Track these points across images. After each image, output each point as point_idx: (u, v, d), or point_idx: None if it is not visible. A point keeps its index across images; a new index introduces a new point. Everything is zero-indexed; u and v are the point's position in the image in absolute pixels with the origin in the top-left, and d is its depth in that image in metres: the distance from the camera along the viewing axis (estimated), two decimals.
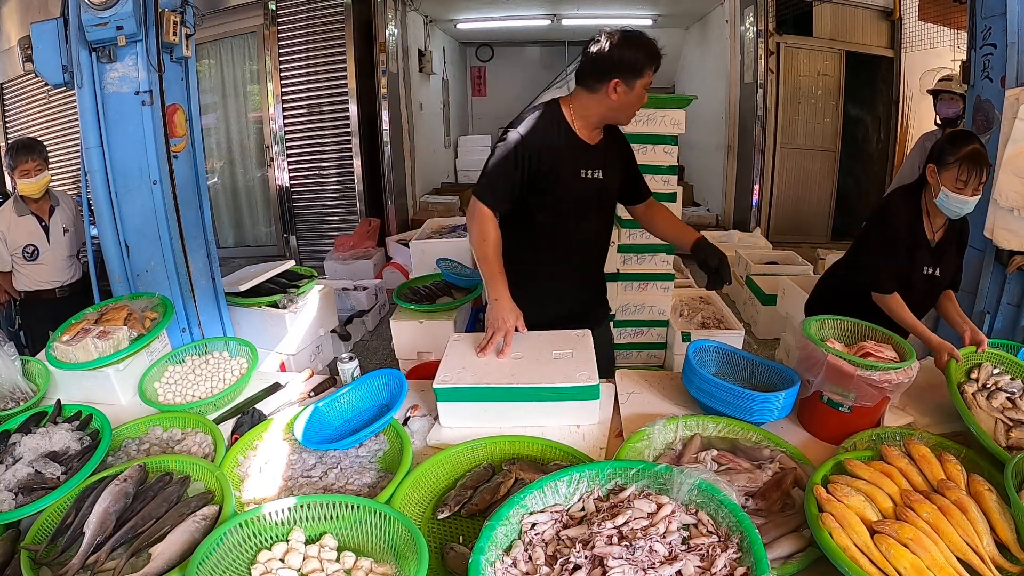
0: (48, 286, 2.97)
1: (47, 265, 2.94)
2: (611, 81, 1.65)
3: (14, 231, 2.86)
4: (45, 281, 2.97)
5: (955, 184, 1.73)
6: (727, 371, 1.67)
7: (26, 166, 2.78)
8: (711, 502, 1.06)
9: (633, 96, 1.68)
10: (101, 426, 1.45)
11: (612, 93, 1.66)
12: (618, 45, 1.63)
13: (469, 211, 1.76)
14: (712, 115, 6.49)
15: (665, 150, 3.02)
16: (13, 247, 2.87)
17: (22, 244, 2.87)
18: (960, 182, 1.72)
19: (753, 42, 5.58)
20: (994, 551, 1.04)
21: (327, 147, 5.78)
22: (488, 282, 1.73)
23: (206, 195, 2.72)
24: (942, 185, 1.76)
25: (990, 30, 2.43)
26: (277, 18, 5.49)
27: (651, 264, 3.23)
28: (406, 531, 1.04)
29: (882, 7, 5.69)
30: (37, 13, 4.92)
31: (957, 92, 3.12)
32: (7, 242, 2.86)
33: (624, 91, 1.66)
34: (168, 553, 1.07)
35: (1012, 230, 2.26)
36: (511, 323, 1.65)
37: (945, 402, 1.56)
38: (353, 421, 1.55)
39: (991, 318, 2.50)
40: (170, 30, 2.29)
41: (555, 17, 7.04)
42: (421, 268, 4.47)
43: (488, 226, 1.72)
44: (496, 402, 1.50)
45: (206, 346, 1.89)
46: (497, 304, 1.68)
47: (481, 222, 1.72)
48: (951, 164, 1.73)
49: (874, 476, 1.17)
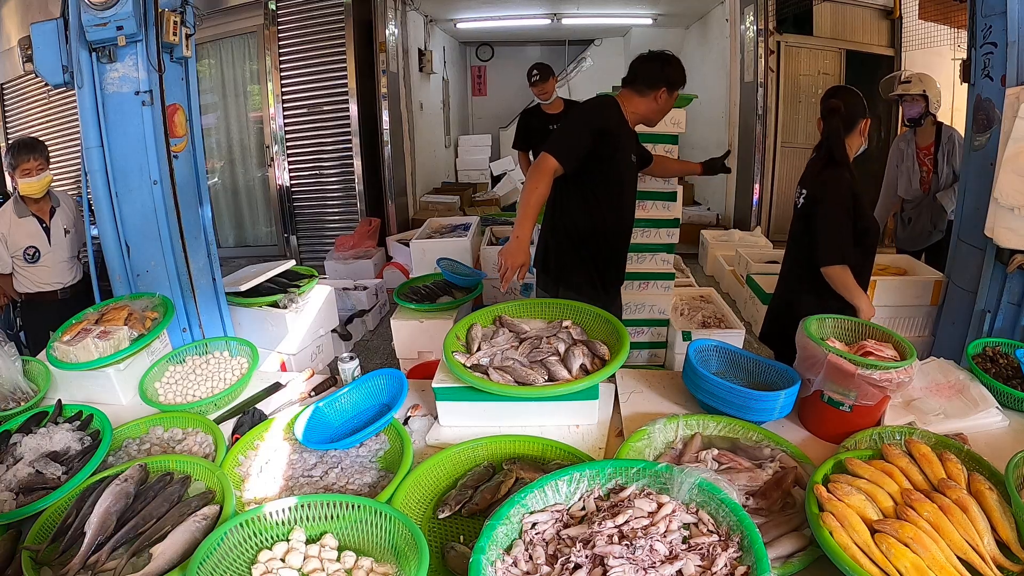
0: (49, 288, 2.95)
1: (48, 267, 2.92)
2: (660, 89, 2.10)
3: (15, 233, 2.84)
4: (46, 283, 2.95)
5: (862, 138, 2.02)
6: (728, 370, 1.67)
7: (27, 165, 2.75)
8: (712, 501, 1.06)
9: (668, 104, 2.15)
10: (102, 426, 1.45)
11: (658, 99, 2.12)
12: (667, 63, 2.10)
13: (535, 163, 2.00)
14: (712, 114, 6.49)
15: (665, 149, 3.02)
16: (14, 249, 2.85)
17: (23, 246, 2.85)
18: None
19: (753, 41, 5.57)
20: (995, 550, 1.03)
21: (327, 147, 5.78)
22: (519, 221, 1.95)
23: (206, 195, 2.72)
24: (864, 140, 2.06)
25: (990, 29, 2.43)
26: (277, 18, 5.49)
27: (651, 264, 3.23)
28: (407, 531, 1.04)
29: (882, 6, 5.69)
30: (37, 13, 4.92)
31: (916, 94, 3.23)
32: (8, 244, 2.84)
33: (666, 99, 2.12)
34: (169, 553, 1.07)
35: (1012, 229, 2.26)
36: (519, 261, 1.88)
37: (946, 402, 1.56)
38: (354, 421, 1.55)
39: (991, 317, 2.49)
40: (170, 30, 2.28)
41: (555, 16, 7.03)
42: (421, 267, 4.48)
43: (543, 180, 1.98)
44: (496, 402, 1.50)
45: (207, 346, 1.90)
46: (517, 242, 1.90)
47: (539, 175, 1.97)
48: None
49: (875, 475, 1.17)
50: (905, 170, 3.50)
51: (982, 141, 2.54)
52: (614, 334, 1.62)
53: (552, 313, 1.79)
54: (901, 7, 5.57)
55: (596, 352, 1.58)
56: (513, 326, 1.73)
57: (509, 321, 1.76)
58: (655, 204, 3.12)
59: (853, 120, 1.97)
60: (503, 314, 1.80)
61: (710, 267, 5.45)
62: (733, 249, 5.07)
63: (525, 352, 1.60)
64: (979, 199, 2.49)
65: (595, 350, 1.58)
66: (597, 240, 2.21)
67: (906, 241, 3.66)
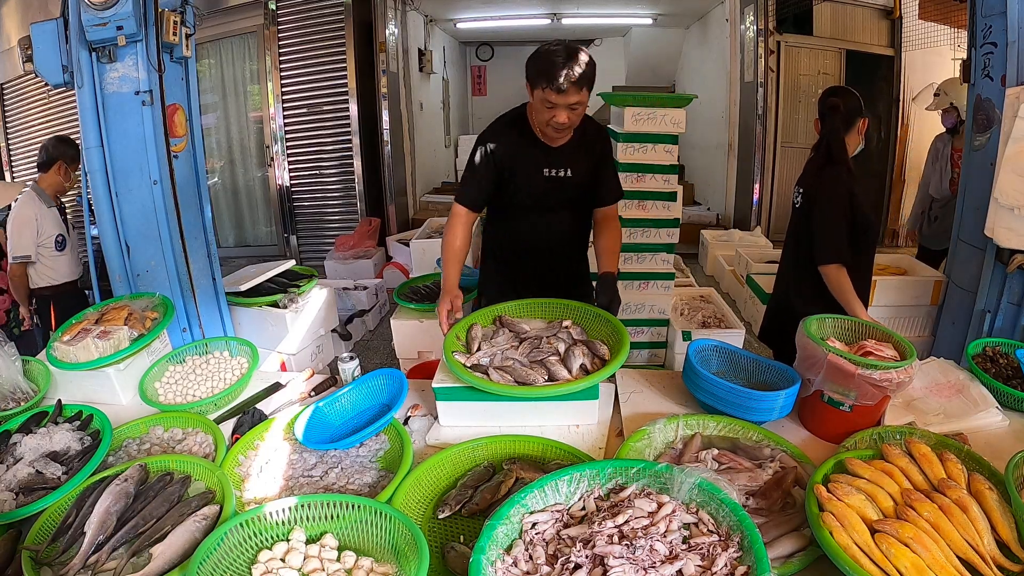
0: (72, 277, 3.06)
1: (68, 256, 3.02)
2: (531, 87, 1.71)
3: (44, 220, 2.91)
4: (69, 273, 3.04)
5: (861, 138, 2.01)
6: (728, 370, 1.67)
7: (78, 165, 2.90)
8: (712, 501, 1.06)
9: (540, 105, 1.70)
10: (102, 426, 1.45)
11: (534, 98, 1.72)
12: (530, 58, 1.70)
13: (451, 214, 1.93)
14: (712, 114, 6.49)
15: (665, 149, 3.02)
16: (43, 236, 2.91)
17: (54, 233, 2.93)
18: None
19: (753, 41, 5.57)
20: (995, 550, 1.03)
21: (327, 147, 5.78)
22: (443, 270, 1.92)
23: (206, 195, 2.72)
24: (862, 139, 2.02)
25: (990, 29, 2.43)
26: (277, 18, 5.49)
27: (651, 264, 3.23)
28: (407, 531, 1.04)
29: (882, 6, 5.69)
30: (37, 13, 4.92)
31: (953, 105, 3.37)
32: (39, 231, 2.90)
33: (536, 97, 1.71)
34: (169, 553, 1.07)
35: (1012, 229, 2.26)
36: (444, 308, 1.81)
37: (946, 402, 1.56)
38: (354, 421, 1.55)
39: (991, 317, 2.49)
40: (170, 30, 2.29)
41: (555, 16, 7.03)
42: (421, 267, 4.48)
43: (459, 230, 1.91)
44: (496, 402, 1.50)
45: (207, 346, 1.90)
46: (442, 291, 1.88)
47: (454, 225, 1.92)
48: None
49: (875, 475, 1.17)
50: (938, 169, 3.60)
51: (982, 141, 2.54)
52: (614, 334, 1.62)
53: (552, 313, 1.79)
54: (901, 7, 5.57)
55: (596, 352, 1.58)
56: (513, 326, 1.73)
57: (509, 321, 1.76)
58: (655, 204, 3.13)
59: (851, 119, 1.97)
60: (503, 314, 1.80)
61: (710, 267, 5.45)
62: (733, 249, 5.07)
63: (525, 352, 1.60)
64: (979, 199, 2.49)
65: (595, 350, 1.58)
66: (519, 258, 2.03)
67: (930, 239, 3.73)
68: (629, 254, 3.19)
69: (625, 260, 3.20)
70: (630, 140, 3.00)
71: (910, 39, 5.57)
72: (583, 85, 1.64)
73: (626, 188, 3.07)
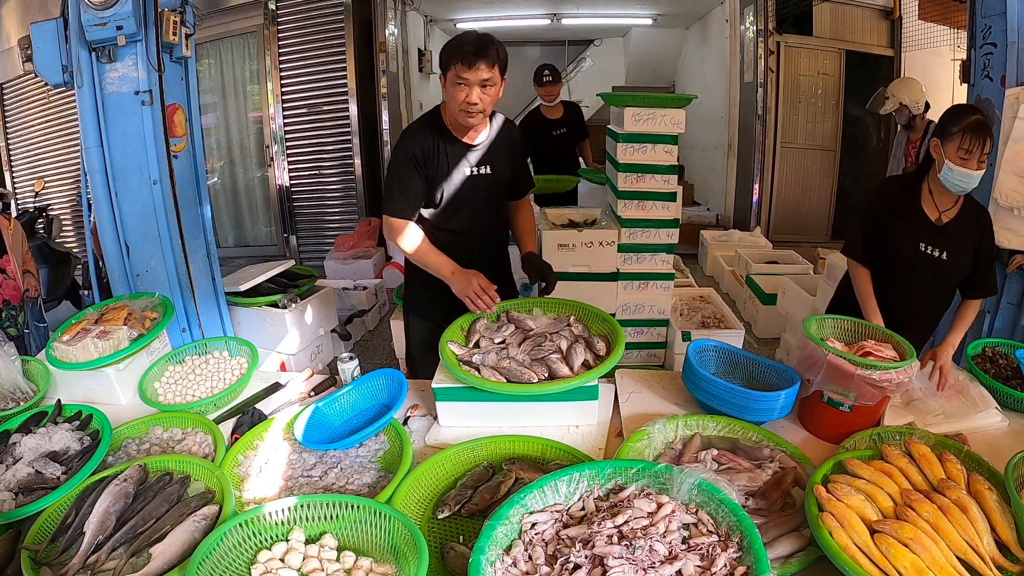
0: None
1: None
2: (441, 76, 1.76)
3: None
4: None
5: (958, 155, 1.69)
6: (727, 370, 1.67)
7: None
8: (711, 501, 1.06)
9: (449, 87, 1.74)
10: (101, 426, 1.45)
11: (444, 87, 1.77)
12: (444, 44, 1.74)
13: (388, 231, 1.88)
14: (712, 114, 6.48)
15: (665, 149, 3.02)
16: None
17: None
18: (963, 151, 1.68)
19: (753, 41, 5.57)
20: (994, 550, 1.03)
21: (327, 147, 5.78)
22: (437, 271, 1.83)
23: (206, 195, 2.72)
24: (946, 158, 1.72)
25: (990, 29, 2.43)
26: (277, 18, 5.49)
27: (651, 264, 3.22)
28: (406, 531, 1.04)
29: (882, 6, 5.68)
30: (37, 13, 4.92)
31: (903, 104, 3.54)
32: None
33: (447, 82, 1.74)
34: (168, 553, 1.07)
35: (1012, 229, 2.26)
36: (475, 283, 1.73)
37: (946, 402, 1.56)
38: (353, 421, 1.55)
39: (991, 317, 2.50)
40: (170, 30, 2.28)
41: (555, 16, 7.03)
42: None
43: (406, 237, 1.85)
44: (495, 402, 1.50)
45: (206, 346, 1.90)
46: (454, 277, 1.78)
47: (398, 238, 1.86)
48: (954, 135, 1.69)
49: (874, 475, 1.17)
50: (896, 159, 3.81)
51: None
52: (611, 332, 1.63)
53: (557, 309, 1.81)
54: (901, 7, 5.57)
55: (593, 348, 1.59)
56: (520, 322, 1.74)
57: (516, 317, 1.77)
58: (655, 204, 3.12)
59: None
60: (510, 309, 1.81)
61: (710, 267, 5.45)
62: (733, 249, 5.07)
63: (528, 349, 1.60)
64: (979, 199, 2.49)
65: (593, 347, 1.59)
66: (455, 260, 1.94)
67: None
68: (629, 254, 3.19)
69: (625, 260, 3.20)
70: (630, 140, 3.00)
71: (910, 39, 5.57)
72: (493, 62, 1.70)
73: (626, 188, 3.10)
